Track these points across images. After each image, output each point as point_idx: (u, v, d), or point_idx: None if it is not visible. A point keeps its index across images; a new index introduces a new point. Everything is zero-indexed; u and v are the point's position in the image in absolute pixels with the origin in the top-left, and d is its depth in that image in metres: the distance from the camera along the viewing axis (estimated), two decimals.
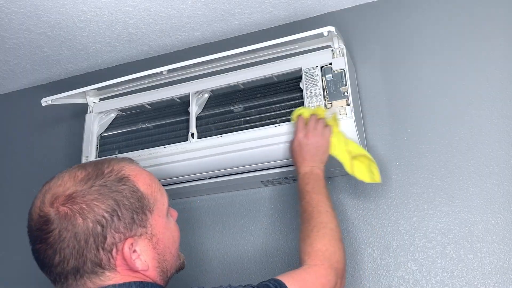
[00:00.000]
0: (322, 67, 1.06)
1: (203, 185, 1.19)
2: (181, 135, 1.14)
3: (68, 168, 0.74)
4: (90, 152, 1.21)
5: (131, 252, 0.69)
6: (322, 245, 0.86)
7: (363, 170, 1.00)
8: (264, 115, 1.08)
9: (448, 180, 1.09)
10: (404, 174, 1.13)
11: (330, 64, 1.06)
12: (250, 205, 1.24)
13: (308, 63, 1.08)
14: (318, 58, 1.07)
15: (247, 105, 1.11)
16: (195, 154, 1.10)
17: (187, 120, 1.14)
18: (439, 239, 1.06)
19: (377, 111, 1.19)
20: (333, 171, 1.13)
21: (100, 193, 0.69)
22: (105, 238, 0.68)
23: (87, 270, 0.68)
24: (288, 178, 1.17)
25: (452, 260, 1.04)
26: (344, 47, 1.07)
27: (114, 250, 0.69)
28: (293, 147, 0.99)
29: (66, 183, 0.70)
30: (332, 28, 0.99)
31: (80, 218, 0.67)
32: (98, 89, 1.23)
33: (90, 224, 0.67)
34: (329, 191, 1.18)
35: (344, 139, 0.99)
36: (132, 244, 0.70)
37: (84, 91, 1.22)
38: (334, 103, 1.02)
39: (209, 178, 1.16)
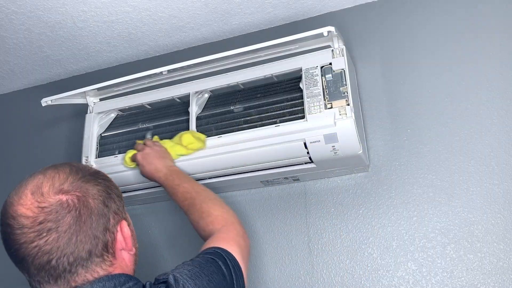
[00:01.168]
0: (322, 67, 1.06)
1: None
2: None
3: (37, 171, 0.73)
4: (90, 152, 1.21)
5: (127, 232, 0.73)
6: (217, 210, 0.94)
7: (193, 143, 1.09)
8: (264, 115, 1.08)
9: (448, 180, 1.09)
10: (404, 174, 1.13)
11: (330, 64, 1.06)
12: (250, 205, 1.24)
13: (308, 63, 1.08)
14: (318, 58, 1.07)
15: (247, 105, 1.11)
16: (195, 154, 1.10)
17: (187, 120, 1.14)
18: (439, 239, 1.06)
19: (377, 111, 1.19)
20: (333, 171, 1.13)
21: (92, 180, 0.72)
22: (109, 219, 0.71)
23: (97, 253, 0.69)
24: (288, 178, 1.17)
25: (452, 260, 1.04)
26: (344, 47, 1.07)
27: (115, 231, 0.72)
28: (142, 164, 1.07)
29: (60, 176, 0.71)
30: (332, 28, 0.99)
31: (91, 199, 0.70)
32: (98, 89, 1.23)
33: (100, 205, 0.70)
34: (329, 191, 1.20)
35: (177, 140, 1.10)
36: (125, 225, 0.74)
37: (84, 91, 1.22)
38: (334, 103, 1.02)
39: (209, 178, 1.16)
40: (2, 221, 0.69)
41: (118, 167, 1.17)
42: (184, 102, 1.21)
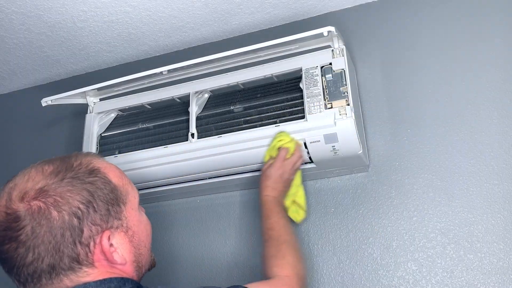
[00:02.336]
0: (322, 67, 1.06)
1: (203, 185, 1.19)
2: (181, 135, 1.14)
3: (32, 165, 0.71)
4: None
5: (108, 245, 0.67)
6: (293, 260, 0.91)
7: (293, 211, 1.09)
8: (264, 115, 1.08)
9: (448, 180, 1.09)
10: (404, 174, 1.13)
11: (330, 64, 1.06)
12: (250, 205, 1.24)
13: (308, 63, 1.08)
14: (318, 58, 1.07)
15: (247, 105, 1.11)
16: (195, 154, 1.10)
17: (187, 120, 1.14)
18: (439, 239, 1.06)
19: (377, 111, 1.19)
20: (333, 171, 1.14)
21: (72, 185, 0.67)
22: (82, 231, 0.65)
23: (63, 267, 0.65)
24: None
25: (452, 260, 1.04)
26: (344, 47, 1.07)
27: (92, 243, 0.66)
28: (271, 173, 1.02)
29: (35, 178, 0.67)
30: (332, 28, 0.99)
31: (54, 211, 0.64)
32: (98, 89, 1.23)
33: (66, 217, 0.65)
34: (329, 191, 1.20)
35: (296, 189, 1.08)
36: (109, 236, 0.68)
37: (84, 91, 1.22)
38: (334, 103, 1.02)
39: (209, 178, 1.16)
40: None
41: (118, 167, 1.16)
42: (184, 102, 1.21)
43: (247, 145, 1.06)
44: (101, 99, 1.28)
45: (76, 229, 0.65)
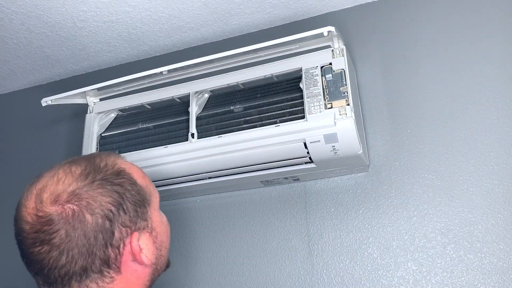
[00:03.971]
0: (322, 67, 1.06)
1: (203, 185, 1.19)
2: (181, 135, 1.14)
3: (57, 165, 0.71)
4: (90, 152, 1.21)
5: (137, 246, 0.68)
6: None
7: None
8: (264, 115, 1.08)
9: (448, 180, 1.09)
10: (404, 174, 1.13)
11: (330, 64, 1.06)
12: (250, 205, 1.24)
13: (308, 63, 1.07)
14: (318, 58, 1.07)
15: (247, 105, 1.11)
16: (195, 154, 1.10)
17: (187, 120, 1.14)
18: (439, 239, 1.06)
19: (377, 111, 1.19)
20: (333, 171, 1.13)
21: (103, 187, 0.67)
22: (113, 233, 0.66)
23: (94, 270, 0.66)
24: (288, 178, 1.17)
25: (452, 260, 1.04)
26: (344, 47, 1.06)
27: (122, 245, 0.67)
28: None
29: (65, 180, 0.67)
30: (332, 28, 0.99)
31: (88, 214, 0.65)
32: (98, 89, 1.23)
33: (100, 220, 0.65)
34: (329, 191, 1.20)
35: None
36: (138, 238, 0.68)
37: (84, 91, 1.22)
38: (334, 103, 1.02)
39: (209, 178, 1.16)
40: (14, 218, 0.70)
41: None
42: (184, 102, 1.21)
43: (247, 145, 1.06)
44: (101, 99, 1.27)
45: (108, 231, 0.66)
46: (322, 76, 1.05)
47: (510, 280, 0.99)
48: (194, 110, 1.14)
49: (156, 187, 1.18)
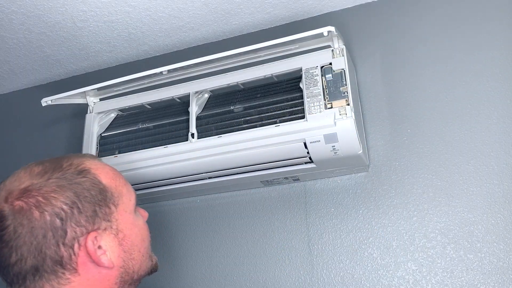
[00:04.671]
0: (322, 67, 1.06)
1: (203, 185, 1.19)
2: (181, 135, 1.14)
3: (24, 166, 0.71)
4: (90, 152, 1.21)
5: (95, 247, 0.66)
6: None
7: None
8: (264, 115, 1.08)
9: (448, 180, 1.09)
10: (404, 174, 1.13)
11: (330, 64, 1.06)
12: (250, 205, 1.24)
13: (308, 63, 1.07)
14: (318, 58, 1.07)
15: (247, 105, 1.11)
16: (195, 154, 1.10)
17: (187, 120, 1.14)
18: (439, 239, 1.06)
19: (377, 111, 1.19)
20: (333, 171, 1.13)
21: (58, 185, 0.66)
22: (66, 232, 0.65)
23: (47, 270, 0.64)
24: (288, 178, 1.17)
25: (452, 260, 1.04)
26: (344, 47, 1.06)
27: (76, 245, 0.65)
28: None
29: (22, 178, 0.67)
30: (332, 28, 0.99)
31: (36, 212, 0.64)
32: (98, 89, 1.23)
33: (48, 218, 0.64)
34: (329, 191, 1.20)
35: None
36: (96, 238, 0.67)
37: (84, 91, 1.22)
38: (334, 103, 1.02)
39: (209, 178, 1.16)
40: None
41: (117, 167, 1.16)
42: (184, 102, 1.21)
43: (247, 145, 1.06)
44: (101, 99, 1.27)
45: (59, 230, 0.65)
46: (322, 76, 1.05)
47: (510, 280, 0.99)
48: (194, 110, 1.14)
49: (156, 187, 1.20)
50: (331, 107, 1.02)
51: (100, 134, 1.24)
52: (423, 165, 1.12)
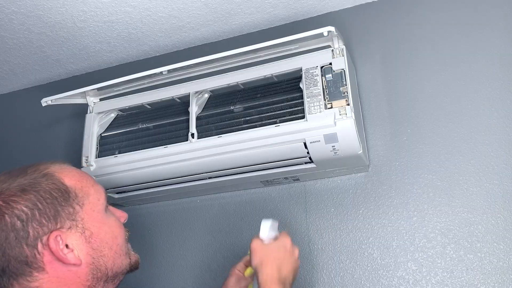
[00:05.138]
0: (322, 67, 1.06)
1: (203, 185, 1.19)
2: (181, 135, 1.14)
3: None
4: (90, 152, 1.21)
5: (58, 245, 0.68)
6: None
7: None
8: (264, 115, 1.08)
9: (448, 180, 1.09)
10: (404, 174, 1.13)
11: (330, 64, 1.06)
12: (250, 205, 1.24)
13: (308, 63, 1.08)
14: (318, 58, 1.07)
15: (247, 105, 1.11)
16: (195, 154, 1.10)
17: (187, 120, 1.14)
18: (439, 239, 1.06)
19: (377, 111, 1.19)
20: (333, 171, 1.14)
21: (20, 189, 0.69)
22: (28, 233, 0.67)
23: (13, 270, 0.67)
24: (288, 178, 1.17)
25: (452, 260, 1.04)
26: (344, 47, 1.06)
27: (40, 244, 0.67)
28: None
29: None
30: (332, 28, 0.99)
31: None
32: (98, 89, 1.23)
33: (8, 220, 0.67)
34: (329, 191, 1.20)
35: None
36: (59, 236, 0.68)
37: (84, 91, 1.22)
38: (334, 103, 1.02)
39: (209, 178, 1.16)
40: None
41: (117, 167, 1.17)
42: (184, 102, 1.21)
43: (247, 145, 1.06)
44: (101, 99, 1.28)
45: (21, 231, 0.67)
46: (322, 76, 1.05)
47: (510, 280, 0.99)
48: (194, 110, 1.14)
49: (156, 187, 1.20)
50: (331, 107, 1.02)
51: (100, 134, 1.24)
52: (423, 165, 1.12)
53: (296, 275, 0.90)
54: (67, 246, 0.69)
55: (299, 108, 1.05)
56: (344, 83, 1.03)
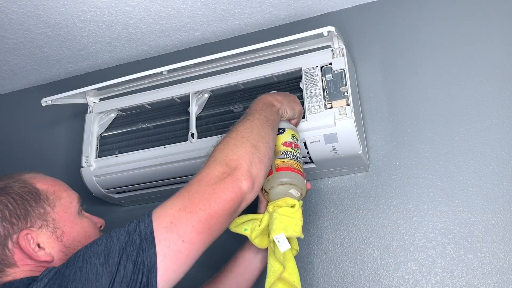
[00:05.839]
0: (322, 67, 1.06)
1: None
2: (181, 135, 1.14)
3: None
4: (90, 152, 1.21)
5: (28, 244, 0.72)
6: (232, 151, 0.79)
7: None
8: None
9: (448, 180, 1.09)
10: (404, 174, 1.13)
11: (330, 64, 1.06)
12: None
13: (308, 63, 1.08)
14: (318, 58, 1.07)
15: (247, 105, 1.11)
16: (195, 154, 1.10)
17: (187, 120, 1.14)
18: (439, 239, 1.06)
19: (377, 111, 1.19)
20: (333, 171, 1.13)
21: None
22: None
23: None
24: None
25: (452, 260, 1.04)
26: (344, 47, 1.07)
27: (10, 243, 0.72)
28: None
29: None
30: (332, 28, 0.99)
31: None
32: (98, 89, 1.23)
33: None
34: (329, 191, 1.20)
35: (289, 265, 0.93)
36: (30, 235, 0.72)
37: (84, 91, 1.22)
38: (334, 103, 1.02)
39: None
40: None
41: (117, 167, 1.17)
42: (184, 102, 1.21)
43: None
44: (101, 99, 1.28)
45: None
46: (322, 76, 1.05)
47: (510, 280, 0.99)
48: (194, 110, 1.14)
49: (156, 187, 1.20)
50: (331, 107, 1.02)
51: (100, 134, 1.24)
52: (423, 165, 1.12)
53: (294, 109, 0.94)
54: (39, 245, 0.73)
55: None
56: (344, 83, 1.03)
